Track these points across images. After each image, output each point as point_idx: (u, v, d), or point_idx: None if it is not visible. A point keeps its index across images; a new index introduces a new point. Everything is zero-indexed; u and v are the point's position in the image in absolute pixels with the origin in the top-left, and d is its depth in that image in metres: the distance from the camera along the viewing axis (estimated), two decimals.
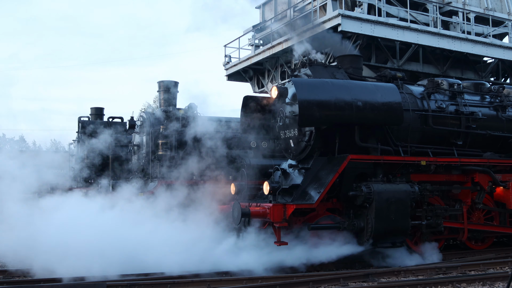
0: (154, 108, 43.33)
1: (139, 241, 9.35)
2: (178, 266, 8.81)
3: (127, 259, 8.96)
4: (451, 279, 8.09)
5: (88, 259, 8.62)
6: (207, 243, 9.77)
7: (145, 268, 8.85)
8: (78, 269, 8.36)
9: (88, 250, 8.76)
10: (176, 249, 9.31)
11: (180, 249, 9.35)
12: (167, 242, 9.46)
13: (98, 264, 8.57)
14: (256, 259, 9.04)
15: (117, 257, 8.90)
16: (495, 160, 11.24)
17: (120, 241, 9.22)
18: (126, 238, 9.35)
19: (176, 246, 9.40)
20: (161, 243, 9.40)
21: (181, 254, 9.19)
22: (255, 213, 8.95)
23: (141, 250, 9.20)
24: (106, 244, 8.99)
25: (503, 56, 18.37)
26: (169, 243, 9.46)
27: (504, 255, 10.68)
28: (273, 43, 18.22)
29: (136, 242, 9.30)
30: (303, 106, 9.16)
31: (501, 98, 11.89)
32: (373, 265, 9.66)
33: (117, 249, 9.05)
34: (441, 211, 10.34)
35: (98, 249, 8.81)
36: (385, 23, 15.98)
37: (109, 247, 8.97)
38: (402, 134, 10.29)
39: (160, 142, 13.60)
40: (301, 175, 9.67)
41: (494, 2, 19.24)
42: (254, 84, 21.46)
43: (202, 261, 9.10)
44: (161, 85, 15.15)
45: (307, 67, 10.30)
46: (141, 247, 9.25)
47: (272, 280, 8.15)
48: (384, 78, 10.86)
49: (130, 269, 8.75)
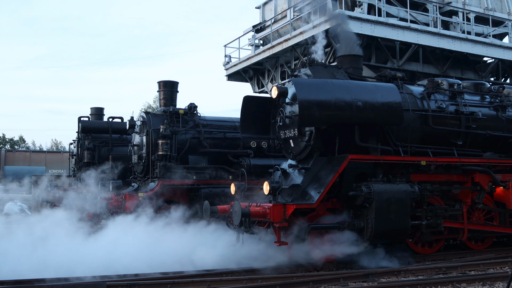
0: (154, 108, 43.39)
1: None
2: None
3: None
4: (451, 279, 8.09)
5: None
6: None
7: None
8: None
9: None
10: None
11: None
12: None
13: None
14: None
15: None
16: (495, 160, 11.24)
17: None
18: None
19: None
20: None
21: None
22: (255, 213, 8.95)
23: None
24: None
25: (503, 56, 18.37)
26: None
27: (504, 255, 10.68)
28: (273, 43, 18.23)
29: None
30: (303, 106, 9.16)
31: (501, 98, 11.89)
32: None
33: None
34: (441, 211, 10.34)
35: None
36: (385, 23, 15.99)
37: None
38: (402, 134, 10.29)
39: (160, 142, 13.59)
40: (301, 175, 9.67)
41: (494, 2, 19.24)
42: (254, 84, 21.47)
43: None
44: (161, 85, 15.16)
45: (307, 67, 10.30)
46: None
47: (272, 280, 8.15)
48: (384, 78, 10.86)
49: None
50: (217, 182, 13.86)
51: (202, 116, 14.97)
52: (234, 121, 15.08)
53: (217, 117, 15.43)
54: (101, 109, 20.05)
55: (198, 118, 14.81)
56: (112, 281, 7.90)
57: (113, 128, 18.03)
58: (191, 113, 14.74)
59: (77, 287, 7.90)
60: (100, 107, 20.05)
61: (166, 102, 14.99)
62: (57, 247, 9.66)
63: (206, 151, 14.37)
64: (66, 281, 8.13)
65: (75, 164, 19.14)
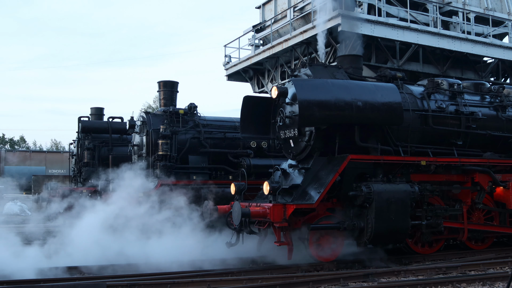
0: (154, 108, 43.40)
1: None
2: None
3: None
4: (451, 279, 8.09)
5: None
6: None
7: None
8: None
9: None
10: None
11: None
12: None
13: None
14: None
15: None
16: (495, 160, 11.24)
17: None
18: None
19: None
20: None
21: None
22: (255, 213, 8.95)
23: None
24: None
25: (503, 56, 18.35)
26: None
27: (504, 255, 10.67)
28: (273, 43, 18.22)
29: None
30: (303, 106, 9.16)
31: (501, 98, 11.89)
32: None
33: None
34: (441, 211, 10.34)
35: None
36: (385, 23, 15.97)
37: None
38: (402, 134, 10.29)
39: (160, 142, 13.59)
40: (301, 175, 9.67)
41: (494, 2, 19.22)
42: (254, 84, 21.45)
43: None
44: (161, 85, 15.16)
45: (307, 67, 10.30)
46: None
47: (272, 280, 8.15)
48: (384, 78, 10.86)
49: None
50: (217, 182, 13.85)
51: (202, 116, 14.96)
52: (234, 121, 15.06)
53: (217, 117, 15.42)
54: (101, 109, 20.05)
55: (198, 118, 14.80)
56: (112, 281, 7.90)
57: (113, 128, 18.04)
58: (191, 113, 14.73)
59: (77, 287, 7.91)
60: (100, 107, 20.06)
61: (166, 102, 14.98)
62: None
63: (206, 151, 14.36)
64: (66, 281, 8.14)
65: (75, 164, 19.14)
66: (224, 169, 14.30)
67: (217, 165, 14.31)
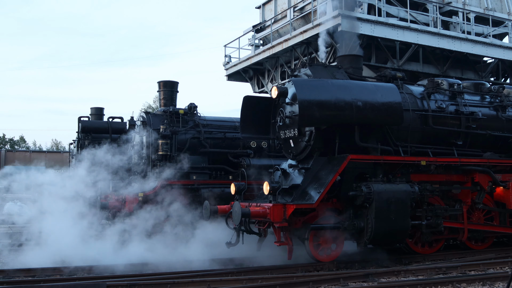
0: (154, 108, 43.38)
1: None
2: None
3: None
4: (451, 279, 8.09)
5: None
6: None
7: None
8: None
9: None
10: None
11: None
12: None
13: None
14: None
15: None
16: (495, 160, 11.24)
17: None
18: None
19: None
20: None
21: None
22: (255, 213, 8.95)
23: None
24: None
25: (503, 56, 18.34)
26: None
27: (504, 255, 10.67)
28: (273, 43, 18.22)
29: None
30: (303, 106, 9.16)
31: (501, 98, 11.89)
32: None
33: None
34: (441, 211, 10.34)
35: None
36: (385, 23, 15.97)
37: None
38: (402, 134, 10.29)
39: (160, 142, 13.59)
40: (301, 175, 9.67)
41: (494, 2, 19.22)
42: (254, 84, 21.45)
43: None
44: (161, 85, 15.16)
45: (307, 67, 10.30)
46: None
47: (272, 280, 8.15)
48: (384, 78, 10.86)
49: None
50: (217, 182, 13.85)
51: (202, 116, 14.95)
52: (234, 121, 15.06)
53: (217, 117, 15.41)
54: (101, 109, 20.04)
55: (198, 118, 14.79)
56: (112, 281, 7.91)
57: (113, 128, 18.02)
58: (191, 113, 14.73)
59: (77, 287, 7.91)
60: (100, 107, 20.04)
61: (166, 102, 14.98)
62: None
63: (206, 151, 14.36)
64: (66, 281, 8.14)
65: (75, 164, 19.11)
66: (224, 169, 14.30)
67: (217, 165, 14.31)
